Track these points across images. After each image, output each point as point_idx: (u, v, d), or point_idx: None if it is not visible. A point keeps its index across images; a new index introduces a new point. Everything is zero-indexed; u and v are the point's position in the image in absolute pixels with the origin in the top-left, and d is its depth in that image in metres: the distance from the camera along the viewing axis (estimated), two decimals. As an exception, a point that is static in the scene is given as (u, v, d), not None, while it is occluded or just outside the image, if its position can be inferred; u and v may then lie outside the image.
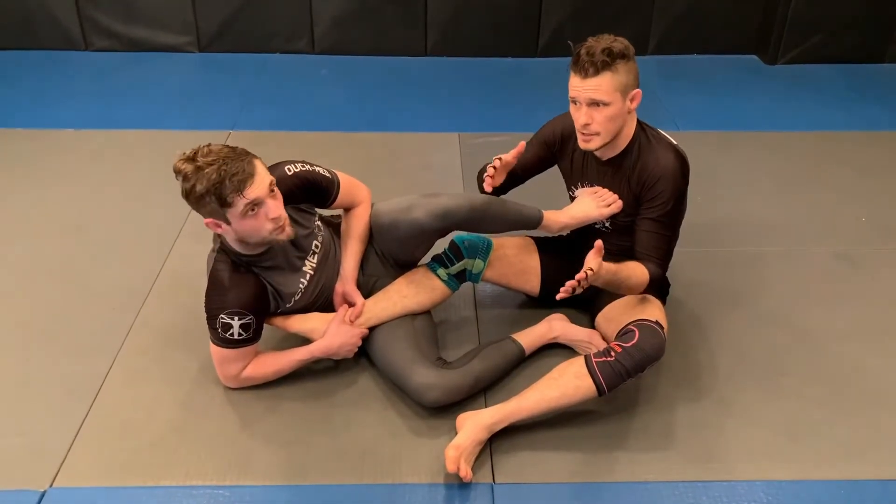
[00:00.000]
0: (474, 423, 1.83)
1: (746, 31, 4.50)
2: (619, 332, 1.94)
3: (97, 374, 2.09)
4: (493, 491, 1.77)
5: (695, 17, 4.43)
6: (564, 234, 2.18)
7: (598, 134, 1.94)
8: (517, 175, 2.27)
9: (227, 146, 1.83)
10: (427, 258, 2.19)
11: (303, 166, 1.99)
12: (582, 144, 1.98)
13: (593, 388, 1.84)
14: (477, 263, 2.14)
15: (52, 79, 4.10)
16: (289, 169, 1.96)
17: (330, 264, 2.08)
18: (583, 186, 2.14)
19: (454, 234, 2.15)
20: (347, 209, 2.12)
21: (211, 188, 1.75)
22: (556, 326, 2.17)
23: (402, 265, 2.17)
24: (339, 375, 2.10)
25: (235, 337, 1.90)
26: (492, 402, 1.99)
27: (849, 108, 3.88)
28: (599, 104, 1.89)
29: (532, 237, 2.29)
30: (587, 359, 1.87)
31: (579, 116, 1.93)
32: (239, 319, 1.89)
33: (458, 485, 1.78)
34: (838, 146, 3.46)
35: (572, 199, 2.19)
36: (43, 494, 1.75)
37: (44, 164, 3.21)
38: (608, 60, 1.85)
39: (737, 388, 2.08)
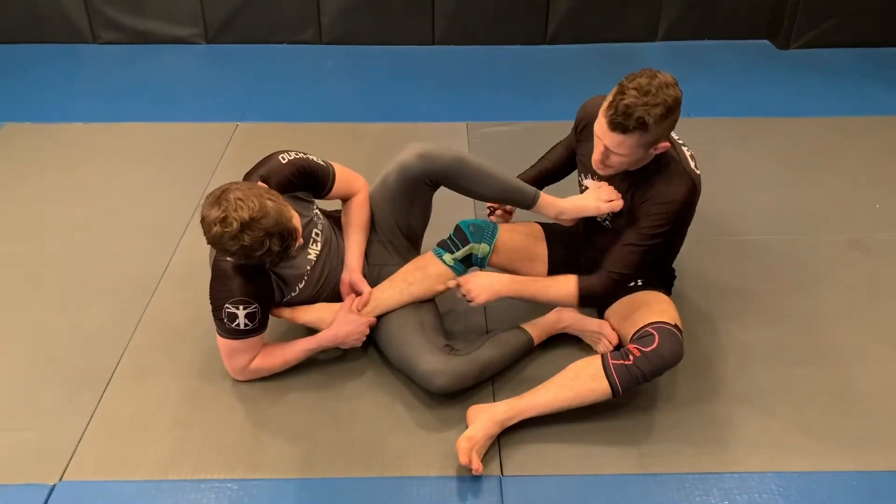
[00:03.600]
0: (487, 417, 1.82)
1: (758, 15, 4.44)
2: (636, 334, 1.91)
3: (105, 368, 2.09)
4: (502, 483, 1.77)
5: (705, 2, 4.38)
6: (565, 223, 2.15)
7: (612, 168, 1.91)
8: (555, 172, 2.29)
9: (246, 193, 1.72)
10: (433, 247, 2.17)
11: (296, 155, 1.99)
12: (596, 167, 1.95)
13: (609, 390, 1.83)
14: (482, 247, 2.12)
15: (60, 72, 4.11)
16: (283, 158, 1.96)
17: (332, 253, 2.08)
18: (591, 178, 2.11)
19: (460, 221, 2.15)
20: (345, 200, 2.11)
21: (276, 257, 1.79)
22: (565, 317, 2.16)
23: (406, 238, 2.16)
24: (346, 368, 2.09)
25: (241, 327, 1.90)
26: (500, 392, 1.98)
27: (863, 93, 3.83)
28: (618, 154, 1.84)
29: (540, 224, 2.27)
30: (604, 359, 1.86)
31: (597, 149, 1.88)
32: (244, 308, 1.88)
33: (467, 478, 1.77)
34: (852, 132, 3.41)
35: (581, 189, 2.17)
36: (53, 488, 1.76)
37: (52, 158, 3.21)
38: (640, 128, 1.76)
39: (747, 379, 2.06)
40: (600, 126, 1.83)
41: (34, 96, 3.82)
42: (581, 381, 1.85)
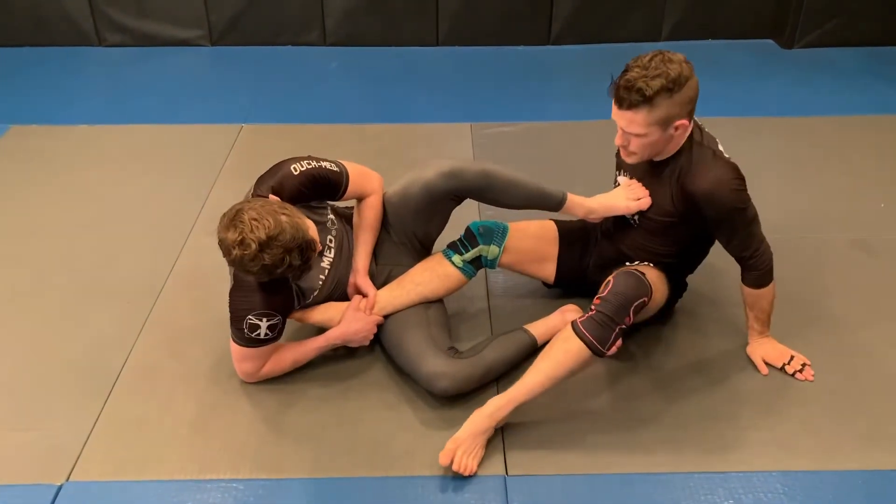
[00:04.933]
0: (476, 414, 1.81)
1: (762, 15, 4.44)
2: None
3: (112, 368, 2.10)
4: (506, 483, 1.77)
5: (709, 2, 4.38)
6: (594, 221, 2.14)
7: (635, 153, 1.90)
8: None
9: (260, 212, 1.72)
10: (443, 246, 2.18)
11: (308, 164, 1.96)
12: (623, 157, 1.95)
13: (583, 347, 1.78)
14: (492, 249, 2.12)
15: (66, 75, 4.13)
16: (294, 168, 1.94)
17: (344, 257, 2.08)
18: (625, 174, 2.09)
19: (471, 223, 2.15)
20: (360, 199, 2.11)
21: (297, 271, 1.80)
22: (568, 318, 2.16)
23: (421, 243, 2.16)
24: (351, 368, 2.10)
25: (262, 337, 1.91)
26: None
27: (867, 92, 3.83)
28: (634, 134, 1.84)
29: (556, 221, 2.25)
30: (573, 322, 1.84)
31: (617, 136, 1.89)
32: (267, 321, 1.89)
33: (472, 478, 1.77)
34: (856, 130, 3.41)
35: (615, 186, 2.15)
36: (59, 489, 1.76)
37: (57, 160, 3.23)
38: (643, 101, 1.76)
39: (751, 378, 2.05)
40: (613, 109, 1.84)
41: (40, 99, 3.84)
42: (556, 347, 1.82)
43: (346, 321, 2.02)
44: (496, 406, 1.81)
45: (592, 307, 1.83)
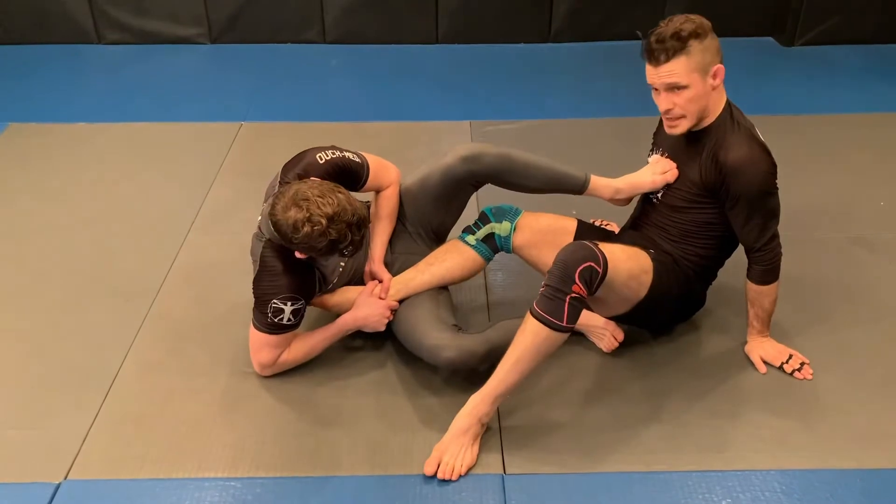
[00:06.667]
0: (456, 417, 1.81)
1: (762, 13, 4.43)
2: None
3: (110, 366, 2.10)
4: (504, 482, 1.77)
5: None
6: (621, 203, 2.11)
7: (683, 117, 1.89)
8: None
9: (321, 190, 1.77)
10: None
11: (333, 153, 2.00)
12: (669, 130, 1.94)
13: (537, 324, 1.75)
14: (504, 226, 2.12)
15: (65, 73, 4.13)
16: (320, 157, 1.97)
17: (364, 245, 2.09)
18: (657, 152, 2.08)
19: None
20: (378, 191, 2.13)
21: (356, 247, 1.83)
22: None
23: (435, 234, 2.18)
24: (351, 366, 2.10)
25: (284, 322, 1.92)
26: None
27: (868, 90, 3.82)
28: (678, 88, 1.84)
29: (579, 221, 2.21)
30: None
31: (660, 102, 1.89)
32: (292, 305, 1.90)
33: (470, 477, 1.77)
34: (857, 129, 3.40)
35: None
36: (58, 487, 1.76)
37: (57, 158, 3.23)
38: (678, 45, 1.79)
39: (750, 377, 2.05)
40: (648, 74, 1.85)
41: (39, 97, 3.84)
42: (518, 333, 1.79)
43: (357, 305, 2.04)
44: (474, 403, 1.80)
45: (542, 285, 1.80)
